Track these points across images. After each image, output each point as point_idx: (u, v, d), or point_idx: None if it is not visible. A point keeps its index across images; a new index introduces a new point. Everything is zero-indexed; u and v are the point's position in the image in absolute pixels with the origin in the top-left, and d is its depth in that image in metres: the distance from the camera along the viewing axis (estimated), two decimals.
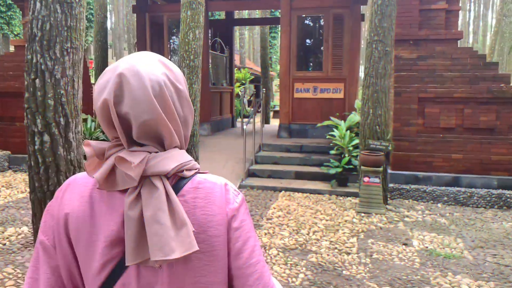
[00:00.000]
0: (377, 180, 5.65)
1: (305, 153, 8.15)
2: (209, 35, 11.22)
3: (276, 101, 21.48)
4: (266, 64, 15.18)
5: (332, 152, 7.29)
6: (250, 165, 7.70)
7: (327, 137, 8.70)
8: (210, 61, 10.64)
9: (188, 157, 0.85)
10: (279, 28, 14.01)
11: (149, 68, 0.80)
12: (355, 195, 6.48)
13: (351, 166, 6.78)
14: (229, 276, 0.86)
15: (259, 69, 24.55)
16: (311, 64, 10.02)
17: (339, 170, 6.65)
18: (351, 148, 7.09)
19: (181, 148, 0.86)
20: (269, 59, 15.77)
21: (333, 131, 7.80)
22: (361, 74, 14.23)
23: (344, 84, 9.25)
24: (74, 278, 0.85)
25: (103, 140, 7.49)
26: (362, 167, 5.75)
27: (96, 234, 0.80)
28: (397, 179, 6.59)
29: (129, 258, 0.76)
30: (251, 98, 19.49)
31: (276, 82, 25.09)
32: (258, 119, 11.21)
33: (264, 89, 12.65)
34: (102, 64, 11.73)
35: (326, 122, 8.11)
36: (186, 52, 5.37)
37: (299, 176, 7.32)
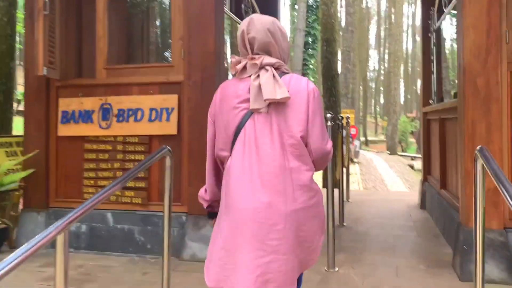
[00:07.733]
0: None
1: None
2: None
3: None
4: (333, 31, 10.18)
5: None
6: None
7: None
8: (223, 35, 5.97)
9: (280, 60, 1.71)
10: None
11: (265, 17, 1.71)
12: None
13: None
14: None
15: None
16: None
17: None
18: None
19: (282, 61, 1.72)
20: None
21: None
22: None
23: None
24: (221, 134, 1.72)
25: None
26: None
27: (234, 98, 1.67)
28: None
29: (252, 105, 1.61)
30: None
31: None
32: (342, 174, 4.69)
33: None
34: None
35: None
36: None
37: None
